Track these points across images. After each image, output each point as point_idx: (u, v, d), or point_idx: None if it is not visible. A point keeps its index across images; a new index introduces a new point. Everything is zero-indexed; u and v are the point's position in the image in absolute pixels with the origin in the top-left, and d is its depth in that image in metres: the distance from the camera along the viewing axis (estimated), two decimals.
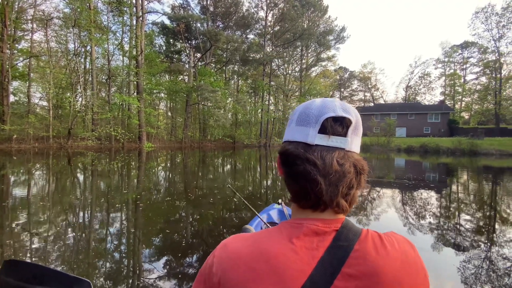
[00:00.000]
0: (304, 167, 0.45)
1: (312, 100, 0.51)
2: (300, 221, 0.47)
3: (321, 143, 0.46)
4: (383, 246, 0.44)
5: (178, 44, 35.59)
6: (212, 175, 8.88)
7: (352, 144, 0.48)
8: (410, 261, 0.44)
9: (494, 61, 38.19)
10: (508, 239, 3.41)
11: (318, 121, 0.47)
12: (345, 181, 0.46)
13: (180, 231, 3.47)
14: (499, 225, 4.12)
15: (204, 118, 31.16)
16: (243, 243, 0.46)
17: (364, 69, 61.39)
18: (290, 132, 0.51)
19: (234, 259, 0.44)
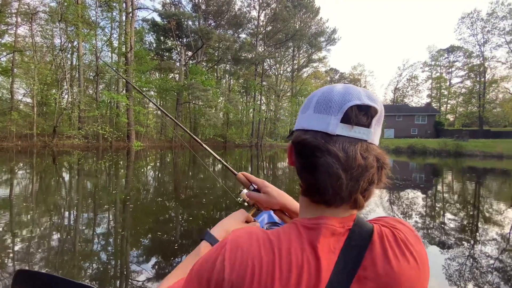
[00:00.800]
0: (324, 159, 0.41)
1: (331, 86, 0.46)
2: (317, 220, 0.44)
3: (342, 134, 0.42)
4: (398, 246, 0.42)
5: (169, 41, 35.12)
6: (203, 175, 8.81)
7: (374, 136, 0.44)
8: (423, 260, 0.43)
9: (478, 65, 39.56)
10: (490, 237, 3.53)
11: (341, 109, 0.42)
12: (367, 176, 0.42)
13: (170, 232, 3.42)
14: (481, 223, 4.26)
15: (195, 117, 30.90)
16: (261, 246, 0.41)
17: (354, 71, 62.46)
18: (305, 119, 0.46)
19: (252, 266, 0.40)
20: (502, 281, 2.41)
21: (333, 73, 58.29)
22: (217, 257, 0.42)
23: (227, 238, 0.45)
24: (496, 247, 3.20)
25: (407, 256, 0.41)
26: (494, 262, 2.78)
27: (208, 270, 0.41)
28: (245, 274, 0.39)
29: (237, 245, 0.42)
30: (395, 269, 0.40)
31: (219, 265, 0.41)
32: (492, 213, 4.89)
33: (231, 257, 0.41)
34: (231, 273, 0.40)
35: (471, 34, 39.11)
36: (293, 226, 0.45)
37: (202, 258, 0.45)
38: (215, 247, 0.45)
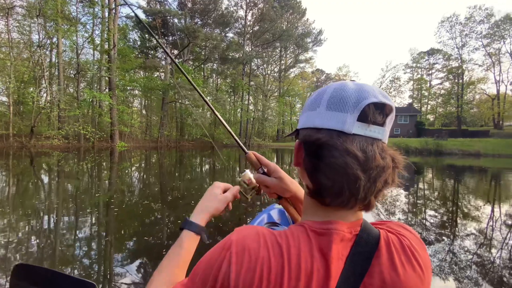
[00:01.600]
0: (343, 159, 0.39)
1: (342, 82, 0.44)
2: (327, 225, 0.42)
3: (358, 133, 0.40)
4: (405, 253, 0.41)
5: (154, 40, 34.40)
6: (190, 176, 8.69)
7: (387, 135, 0.43)
8: (428, 268, 0.42)
9: (457, 68, 41.36)
10: (468, 232, 3.68)
11: (357, 106, 0.40)
12: (384, 177, 0.41)
13: (157, 235, 3.33)
14: (460, 219, 4.44)
15: (181, 117, 30.44)
16: (270, 249, 0.40)
17: (340, 72, 63.54)
18: (317, 117, 0.43)
19: (260, 271, 0.38)
20: (480, 275, 2.51)
21: (319, 73, 59.13)
22: (222, 260, 0.40)
23: (231, 238, 0.42)
24: (474, 241, 3.34)
25: (413, 264, 0.41)
26: (472, 256, 2.90)
27: (213, 274, 0.40)
28: (252, 280, 0.38)
29: (243, 247, 0.40)
30: (401, 277, 0.39)
31: (225, 269, 0.39)
32: (470, 208, 5.12)
33: (238, 261, 0.39)
34: (237, 278, 0.38)
35: (450, 37, 40.89)
36: (301, 229, 0.43)
37: (205, 260, 0.43)
38: (218, 248, 0.42)
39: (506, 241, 3.34)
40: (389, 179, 0.42)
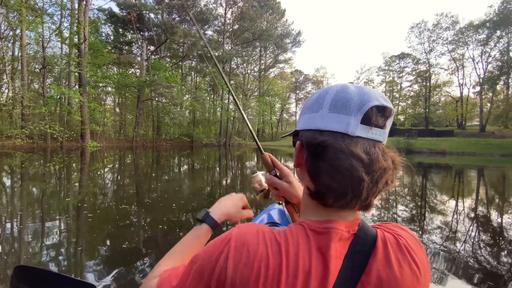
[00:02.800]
0: (349, 162, 0.39)
1: (344, 84, 0.45)
2: (326, 225, 0.42)
3: (361, 135, 0.41)
4: (401, 252, 0.42)
5: (129, 34, 32.95)
6: (168, 177, 8.42)
7: (387, 136, 0.44)
8: (425, 267, 0.43)
9: (424, 71, 44.02)
10: (435, 226, 3.90)
11: (361, 109, 0.41)
12: (385, 178, 0.42)
13: (134, 239, 3.17)
14: (428, 213, 4.70)
15: (158, 116, 29.47)
16: (269, 247, 0.40)
17: (317, 73, 65.17)
18: (320, 118, 0.43)
19: (258, 268, 0.38)
20: (448, 264, 2.67)
21: (298, 74, 60.14)
22: (220, 253, 0.40)
23: (231, 233, 0.43)
24: (441, 235, 3.55)
25: (410, 262, 0.41)
26: (439, 247, 3.08)
27: (210, 266, 0.40)
28: (249, 276, 0.38)
29: (242, 243, 0.40)
30: (397, 275, 0.40)
31: (222, 263, 0.39)
32: (436, 203, 5.44)
33: (236, 256, 0.39)
34: (234, 273, 0.38)
35: (419, 42, 43.40)
36: (300, 228, 0.43)
37: (204, 251, 0.43)
38: (218, 240, 0.43)
39: (469, 233, 3.58)
40: (389, 180, 0.43)
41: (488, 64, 35.58)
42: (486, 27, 31.83)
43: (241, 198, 0.70)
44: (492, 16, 30.19)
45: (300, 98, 65.09)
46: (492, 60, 34.67)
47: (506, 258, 2.78)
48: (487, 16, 31.32)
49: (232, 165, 12.82)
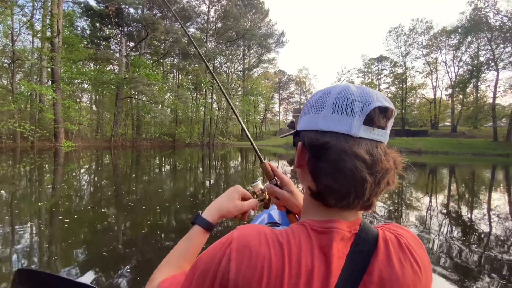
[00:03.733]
0: (352, 163, 0.39)
1: (345, 85, 0.45)
2: (327, 224, 0.42)
3: (364, 136, 0.41)
4: (403, 251, 0.42)
5: (106, 29, 31.57)
6: (149, 178, 8.13)
7: (388, 137, 0.44)
8: (426, 267, 0.43)
9: (401, 74, 45.98)
10: (411, 222, 4.03)
11: (363, 110, 0.41)
12: (387, 178, 0.42)
13: (114, 244, 2.99)
14: (405, 209, 4.85)
15: (138, 114, 28.49)
16: (271, 247, 0.40)
17: (300, 73, 66.03)
18: (322, 119, 0.43)
19: (261, 269, 0.38)
20: None
21: (282, 74, 60.64)
22: (222, 255, 0.40)
23: (233, 235, 0.42)
24: (416, 230, 3.67)
25: (411, 262, 0.41)
26: None
27: (213, 269, 0.40)
28: (252, 277, 0.38)
29: (244, 244, 0.40)
30: (398, 274, 0.40)
31: (225, 265, 0.39)
32: (412, 199, 5.65)
33: (238, 258, 0.39)
34: (237, 275, 0.38)
35: (396, 46, 45.26)
36: (302, 228, 0.43)
37: (206, 255, 0.43)
38: (219, 243, 0.43)
39: (442, 227, 3.74)
40: (391, 180, 0.43)
41: (459, 68, 37.79)
42: (458, 32, 33.71)
43: (236, 189, 0.66)
44: (463, 23, 32.00)
45: (283, 98, 65.70)
46: (463, 64, 36.86)
47: (476, 249, 2.92)
48: (459, 22, 33.18)
49: (216, 165, 12.64)
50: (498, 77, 30.11)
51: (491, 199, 5.85)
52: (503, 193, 6.72)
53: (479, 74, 31.79)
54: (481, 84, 34.52)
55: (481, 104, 34.14)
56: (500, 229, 3.73)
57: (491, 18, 29.40)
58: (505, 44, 29.06)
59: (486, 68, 31.28)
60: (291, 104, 67.85)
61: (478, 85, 34.71)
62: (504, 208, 5.10)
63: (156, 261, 2.55)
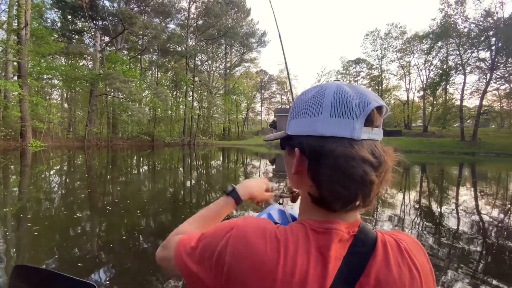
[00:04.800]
0: (362, 169, 0.39)
1: (337, 84, 0.44)
2: (326, 225, 0.42)
3: (365, 137, 0.41)
4: (401, 255, 0.42)
5: (79, 22, 29.90)
6: (126, 179, 7.79)
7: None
8: (426, 271, 0.43)
9: (377, 76, 47.90)
10: (385, 218, 4.18)
11: (363, 112, 0.40)
12: (387, 176, 0.43)
13: (88, 251, 2.79)
14: (379, 206, 5.01)
15: (114, 112, 27.27)
16: (267, 242, 0.40)
17: (281, 74, 66.64)
18: (321, 124, 0.41)
19: (253, 261, 0.39)
20: None
21: (263, 74, 60.87)
22: (222, 238, 0.42)
23: (236, 222, 0.44)
24: (390, 226, 3.82)
25: (410, 266, 0.41)
26: None
27: (213, 247, 0.42)
28: (245, 268, 0.39)
29: (243, 234, 0.42)
30: (396, 277, 0.39)
31: (221, 248, 0.41)
32: (387, 196, 5.87)
33: (233, 245, 0.41)
34: (231, 259, 0.40)
35: (373, 49, 47.09)
36: (301, 227, 0.43)
37: (210, 232, 0.46)
38: (223, 225, 0.45)
39: (415, 221, 3.91)
40: (389, 177, 0.43)
41: (430, 71, 40.05)
42: (429, 38, 35.68)
43: (266, 181, 0.77)
44: (434, 28, 33.91)
45: (265, 98, 65.98)
46: (434, 68, 39.08)
47: (445, 241, 3.07)
48: (431, 28, 35.13)
49: (197, 165, 12.40)
50: (465, 81, 32.29)
51: (459, 195, 6.23)
52: (469, 189, 7.18)
53: (448, 78, 33.87)
54: (450, 87, 36.85)
55: (449, 106, 36.46)
56: (466, 222, 3.96)
57: (459, 24, 31.40)
58: (472, 49, 31.18)
59: (455, 72, 33.39)
60: (273, 104, 68.37)
61: (447, 88, 37.02)
62: (471, 202, 5.44)
63: (136, 270, 2.39)
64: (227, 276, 0.39)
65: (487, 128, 40.08)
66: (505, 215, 4.50)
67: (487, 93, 31.50)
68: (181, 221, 0.63)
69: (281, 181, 7.79)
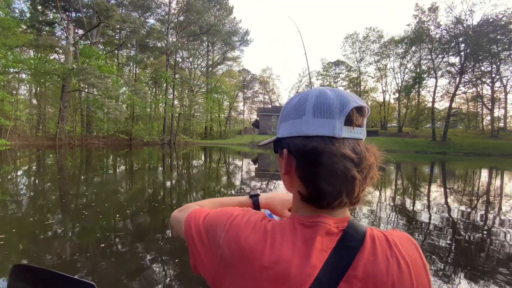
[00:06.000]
0: (342, 164, 0.41)
1: (320, 89, 0.46)
2: (314, 219, 0.45)
3: (346, 136, 0.43)
4: (390, 249, 0.43)
5: (51, 13, 28.10)
6: (102, 179, 7.40)
7: (365, 133, 0.47)
8: (417, 266, 0.43)
9: (355, 78, 49.48)
10: (364, 214, 4.30)
11: (342, 112, 0.43)
12: (371, 173, 0.44)
13: (63, 260, 2.58)
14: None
15: (88, 109, 25.94)
16: (257, 235, 0.44)
17: (264, 73, 67.00)
18: (304, 124, 0.45)
19: (241, 248, 0.43)
20: None
21: (246, 73, 60.71)
22: (221, 223, 0.48)
23: (237, 213, 0.49)
24: (368, 222, 3.93)
25: (398, 259, 0.42)
26: None
27: (213, 231, 0.48)
28: (235, 254, 0.43)
29: (237, 223, 0.46)
30: (383, 271, 0.40)
31: (219, 232, 0.46)
32: (371, 192, 6.07)
33: (229, 232, 0.45)
34: (223, 245, 0.45)
35: (352, 52, 48.59)
36: (289, 221, 0.46)
37: (216, 213, 0.51)
38: (227, 211, 0.50)
39: (390, 219, 4.06)
40: (374, 174, 0.45)
41: (405, 74, 42.02)
42: (404, 42, 37.41)
43: (290, 201, 0.71)
44: (409, 34, 35.61)
45: (248, 97, 65.86)
46: (408, 71, 41.08)
47: (418, 236, 3.21)
48: (406, 33, 36.84)
49: (178, 164, 12.09)
50: (437, 84, 34.22)
51: (430, 191, 6.55)
52: (440, 186, 7.59)
53: (421, 81, 35.72)
54: (423, 90, 38.91)
55: (422, 107, 38.47)
56: (437, 216, 4.16)
57: (432, 30, 33.21)
58: (443, 55, 33.10)
59: (427, 76, 35.28)
60: (255, 103, 68.43)
61: (420, 90, 39.01)
62: (441, 198, 5.74)
63: (115, 279, 2.24)
64: (219, 258, 0.44)
65: (456, 129, 42.80)
66: (472, 209, 4.79)
67: (456, 96, 33.62)
68: (162, 224, 0.58)
69: (263, 180, 7.78)
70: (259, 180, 7.85)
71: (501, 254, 2.90)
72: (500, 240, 3.35)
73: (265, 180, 7.89)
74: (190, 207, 0.59)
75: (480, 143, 28.21)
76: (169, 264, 2.53)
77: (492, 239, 3.41)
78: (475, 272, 2.46)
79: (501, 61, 30.60)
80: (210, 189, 6.50)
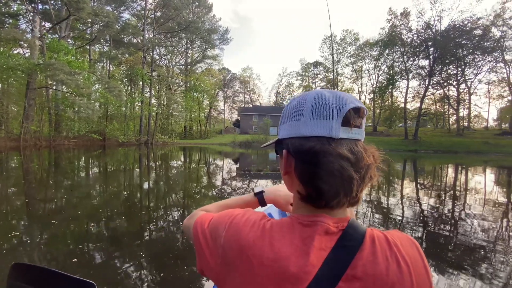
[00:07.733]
0: (338, 163, 0.42)
1: (318, 91, 0.48)
2: (313, 218, 0.45)
3: (344, 136, 0.44)
4: (390, 249, 0.43)
5: (14, 4, 25.91)
6: (73, 182, 6.92)
7: (364, 134, 0.48)
8: (417, 267, 0.43)
9: (333, 79, 50.92)
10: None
11: (340, 113, 0.44)
12: (370, 173, 0.45)
13: None
14: None
15: (57, 108, 24.30)
16: (256, 233, 0.45)
17: (244, 73, 66.89)
18: (303, 126, 0.46)
19: (240, 247, 0.44)
20: None
21: (226, 72, 60.19)
22: (222, 223, 0.49)
23: (238, 213, 0.50)
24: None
25: (398, 260, 0.42)
26: None
27: (216, 232, 0.49)
28: (234, 252, 0.45)
29: (237, 223, 0.48)
30: (383, 270, 0.40)
31: (220, 232, 0.48)
32: None
33: (229, 231, 0.47)
34: (224, 244, 0.46)
35: (330, 53, 49.88)
36: (288, 220, 0.47)
37: (220, 215, 0.53)
38: (228, 213, 0.52)
39: (367, 219, 4.16)
40: (372, 174, 0.46)
41: (379, 76, 43.92)
42: (378, 45, 39.06)
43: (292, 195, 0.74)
44: (383, 37, 37.22)
45: (228, 96, 65.34)
46: (382, 73, 42.97)
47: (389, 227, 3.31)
48: (380, 36, 38.47)
49: (156, 165, 11.65)
50: (408, 86, 36.11)
51: (403, 185, 6.85)
52: (412, 181, 7.97)
53: (394, 83, 37.52)
54: (395, 91, 40.89)
55: (395, 107, 40.40)
56: (410, 210, 4.34)
57: (404, 34, 34.97)
58: (414, 58, 34.98)
59: (399, 78, 37.12)
60: (236, 103, 68.06)
61: (393, 91, 40.95)
62: (413, 192, 6.01)
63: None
64: (221, 257, 0.46)
65: (425, 128, 45.46)
66: (440, 203, 5.05)
67: (426, 97, 35.69)
68: (139, 230, 0.55)
69: (245, 180, 7.70)
70: (240, 180, 7.76)
71: (466, 244, 3.05)
72: (466, 230, 3.54)
73: (246, 180, 7.82)
74: (197, 213, 0.62)
75: (448, 141, 30.23)
76: (149, 269, 2.38)
77: (458, 230, 3.60)
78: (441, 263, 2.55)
79: (466, 64, 32.97)
80: (190, 190, 6.30)
